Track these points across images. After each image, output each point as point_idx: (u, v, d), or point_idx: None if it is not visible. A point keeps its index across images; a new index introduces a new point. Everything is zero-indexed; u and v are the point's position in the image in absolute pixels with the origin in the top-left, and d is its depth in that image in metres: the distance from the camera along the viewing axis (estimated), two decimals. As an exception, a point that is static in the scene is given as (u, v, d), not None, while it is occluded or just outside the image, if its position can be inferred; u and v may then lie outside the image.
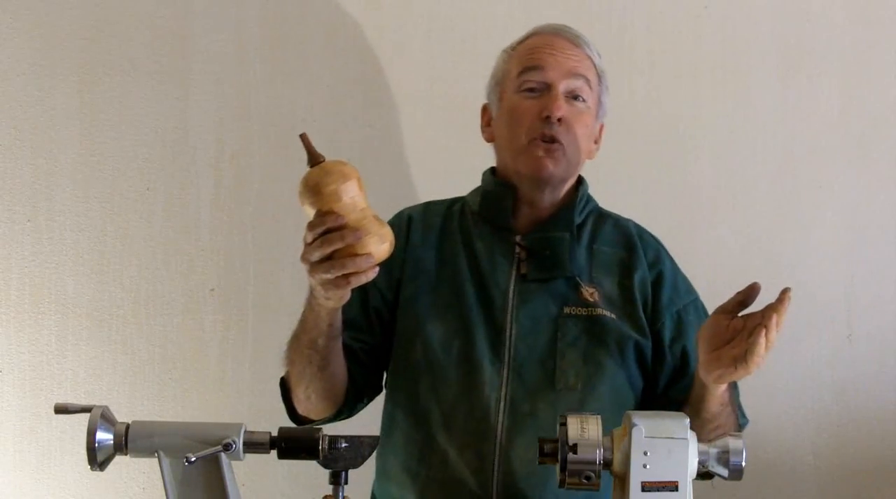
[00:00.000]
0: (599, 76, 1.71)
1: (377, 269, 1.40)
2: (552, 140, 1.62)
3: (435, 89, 2.19)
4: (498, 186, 1.69)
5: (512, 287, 1.63)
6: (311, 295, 1.49)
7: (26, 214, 2.16)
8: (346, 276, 1.38)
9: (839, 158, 2.21)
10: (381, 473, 1.67)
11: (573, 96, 1.65)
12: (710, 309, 2.11)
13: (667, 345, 1.64)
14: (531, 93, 1.65)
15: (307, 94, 2.19)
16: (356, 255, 1.37)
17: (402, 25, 2.20)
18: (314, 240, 1.38)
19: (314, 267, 1.40)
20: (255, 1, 2.19)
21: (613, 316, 1.63)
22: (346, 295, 1.45)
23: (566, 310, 1.62)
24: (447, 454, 1.58)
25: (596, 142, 1.74)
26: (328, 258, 1.38)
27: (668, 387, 1.64)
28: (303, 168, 2.18)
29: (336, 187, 1.38)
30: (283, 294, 2.14)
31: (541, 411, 1.57)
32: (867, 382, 2.18)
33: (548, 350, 1.60)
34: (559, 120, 1.61)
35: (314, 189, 1.39)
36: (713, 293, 2.17)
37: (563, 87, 1.64)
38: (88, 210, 2.17)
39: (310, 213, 1.41)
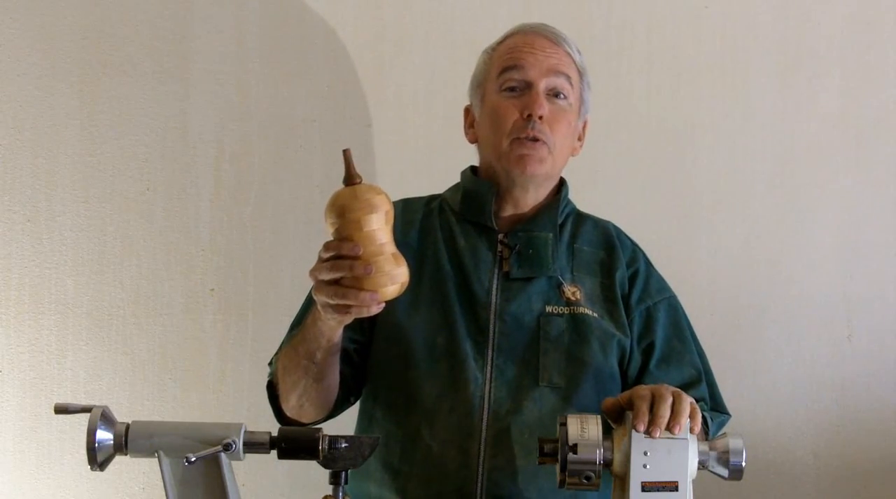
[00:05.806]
0: (581, 73, 1.70)
1: (382, 305, 1.38)
2: (535, 139, 1.62)
3: (435, 89, 2.19)
4: (480, 185, 1.69)
5: (495, 285, 1.64)
6: (316, 308, 1.47)
7: (26, 214, 2.16)
8: (348, 306, 1.37)
9: (839, 158, 2.20)
10: (358, 471, 1.65)
11: (554, 94, 1.65)
12: (711, 309, 2.18)
13: (635, 340, 1.66)
14: (512, 92, 1.65)
15: (307, 94, 2.20)
16: (362, 289, 1.35)
17: (402, 25, 2.20)
18: (326, 260, 1.37)
19: (319, 286, 1.38)
20: (255, 1, 2.19)
21: (596, 315, 1.64)
22: (347, 320, 1.43)
23: (548, 309, 1.63)
24: (430, 450, 1.57)
25: (580, 139, 1.74)
26: (335, 283, 1.36)
27: (636, 383, 1.64)
28: (301, 169, 2.21)
29: (359, 216, 1.34)
30: (283, 294, 2.14)
31: (525, 408, 1.57)
32: (867, 382, 2.18)
33: (531, 348, 1.61)
34: (541, 118, 1.62)
35: (339, 211, 1.36)
36: (713, 293, 2.21)
37: (543, 85, 1.64)
38: (88, 210, 2.17)
39: (330, 231, 1.38)
